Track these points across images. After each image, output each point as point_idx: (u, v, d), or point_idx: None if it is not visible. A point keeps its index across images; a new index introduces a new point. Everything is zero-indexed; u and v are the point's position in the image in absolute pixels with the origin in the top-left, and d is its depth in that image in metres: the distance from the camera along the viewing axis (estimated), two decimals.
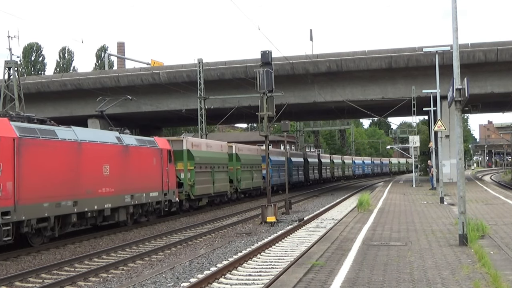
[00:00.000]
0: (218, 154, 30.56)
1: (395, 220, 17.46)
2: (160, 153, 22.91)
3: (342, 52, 42.12)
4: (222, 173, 30.60)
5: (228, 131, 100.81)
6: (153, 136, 24.43)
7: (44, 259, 14.59)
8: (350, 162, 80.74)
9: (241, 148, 35.23)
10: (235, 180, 33.32)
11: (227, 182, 31.56)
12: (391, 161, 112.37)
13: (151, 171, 21.92)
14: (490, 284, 8.17)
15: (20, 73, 53.22)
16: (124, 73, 46.40)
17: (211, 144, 30.29)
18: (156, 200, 22.36)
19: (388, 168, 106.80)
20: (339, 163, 74.24)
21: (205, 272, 12.10)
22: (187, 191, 26.34)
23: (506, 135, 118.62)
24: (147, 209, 21.92)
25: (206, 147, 28.90)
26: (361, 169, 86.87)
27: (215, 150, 30.43)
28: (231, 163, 32.52)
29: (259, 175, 37.96)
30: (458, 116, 12.14)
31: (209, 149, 29.39)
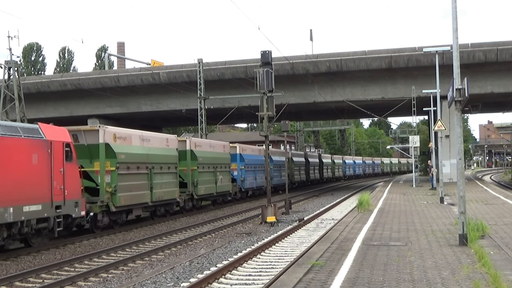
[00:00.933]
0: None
1: (395, 220, 17.46)
2: (48, 148, 15.78)
3: (342, 52, 42.13)
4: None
5: (228, 131, 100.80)
6: None
7: (44, 259, 14.58)
8: (341, 162, 74.69)
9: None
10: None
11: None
12: (383, 161, 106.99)
13: (27, 173, 14.89)
14: (490, 284, 8.17)
15: (20, 73, 53.22)
16: (124, 73, 46.41)
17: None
18: (39, 216, 15.24)
19: (380, 168, 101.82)
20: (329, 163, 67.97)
21: (205, 272, 12.10)
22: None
23: (506, 135, 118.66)
24: (20, 231, 14.76)
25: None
26: (352, 170, 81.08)
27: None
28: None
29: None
30: (458, 116, 12.14)
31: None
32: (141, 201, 21.33)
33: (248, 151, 36.71)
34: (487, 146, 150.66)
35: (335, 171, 69.57)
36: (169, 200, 23.82)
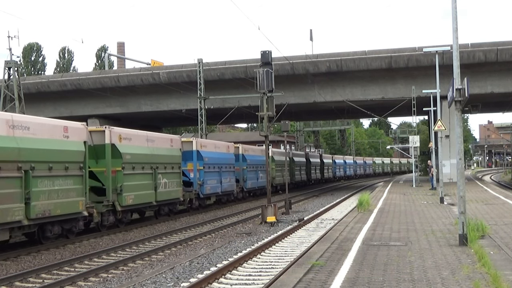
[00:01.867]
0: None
1: (395, 220, 17.46)
2: None
3: (342, 52, 42.13)
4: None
5: (228, 131, 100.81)
6: None
7: (44, 259, 14.58)
8: (330, 162, 67.45)
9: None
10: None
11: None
12: (374, 160, 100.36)
13: None
14: (490, 284, 8.17)
15: (20, 73, 53.29)
16: (124, 73, 46.42)
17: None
18: None
19: (372, 168, 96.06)
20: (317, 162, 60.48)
21: (205, 272, 12.10)
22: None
23: (506, 135, 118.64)
24: None
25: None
26: (342, 170, 74.50)
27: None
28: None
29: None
30: (458, 116, 12.14)
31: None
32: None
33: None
34: (487, 146, 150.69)
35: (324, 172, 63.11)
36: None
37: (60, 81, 46.84)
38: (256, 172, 37.15)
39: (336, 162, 70.44)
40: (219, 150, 30.56)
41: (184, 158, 25.46)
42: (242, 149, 35.24)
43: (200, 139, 29.80)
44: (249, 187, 35.64)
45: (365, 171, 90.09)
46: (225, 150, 31.58)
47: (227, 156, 31.61)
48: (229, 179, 31.24)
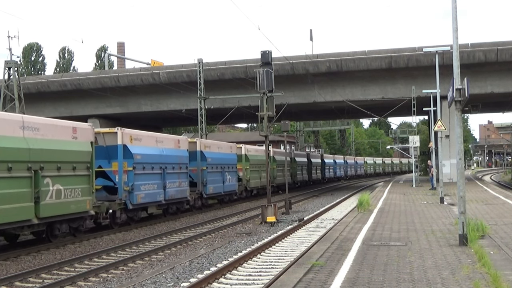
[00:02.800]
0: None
1: (395, 220, 17.46)
2: None
3: (342, 52, 42.13)
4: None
5: (228, 131, 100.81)
6: None
7: (44, 259, 14.58)
8: (319, 162, 61.78)
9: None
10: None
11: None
12: (366, 160, 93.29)
13: None
14: (490, 284, 8.17)
15: (20, 73, 53.28)
16: (124, 73, 46.42)
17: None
18: None
19: (364, 169, 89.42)
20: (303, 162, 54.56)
21: (205, 272, 12.10)
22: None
23: (506, 135, 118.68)
24: None
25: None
26: (332, 171, 67.90)
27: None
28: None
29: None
30: (458, 116, 12.14)
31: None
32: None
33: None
34: (487, 146, 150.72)
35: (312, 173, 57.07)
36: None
37: (60, 81, 46.84)
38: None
39: (326, 162, 64.71)
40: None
41: None
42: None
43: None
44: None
45: (356, 171, 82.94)
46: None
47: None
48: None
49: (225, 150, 31.41)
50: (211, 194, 28.94)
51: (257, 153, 38.07)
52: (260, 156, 37.94)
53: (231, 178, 31.58)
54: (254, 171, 36.49)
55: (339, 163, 72.22)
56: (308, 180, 54.28)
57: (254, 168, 36.46)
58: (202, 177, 27.82)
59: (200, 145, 28.18)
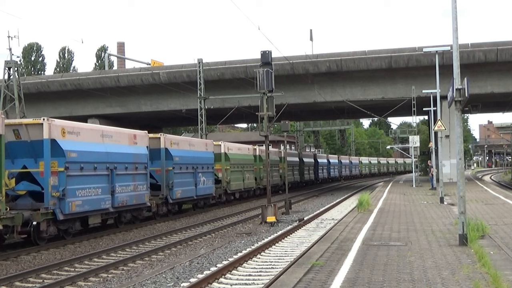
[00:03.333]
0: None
1: (395, 220, 17.46)
2: None
3: (342, 52, 42.13)
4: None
5: (228, 131, 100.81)
6: None
7: (44, 259, 14.58)
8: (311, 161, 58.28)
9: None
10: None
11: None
12: (361, 160, 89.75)
13: None
14: (490, 284, 8.17)
15: (20, 73, 53.28)
16: (124, 73, 46.43)
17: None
18: None
19: (359, 169, 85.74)
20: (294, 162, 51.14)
21: (205, 272, 12.10)
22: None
23: (506, 135, 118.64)
24: None
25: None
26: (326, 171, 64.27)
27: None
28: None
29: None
30: (458, 116, 12.14)
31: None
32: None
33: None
34: (487, 146, 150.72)
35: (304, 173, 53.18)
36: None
37: (60, 81, 46.84)
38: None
39: (318, 162, 60.63)
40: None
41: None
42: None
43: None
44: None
45: (350, 172, 79.59)
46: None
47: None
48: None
49: (198, 147, 27.85)
50: (179, 198, 25.03)
51: (239, 152, 34.46)
52: (244, 155, 35.16)
53: (207, 180, 27.84)
54: (236, 171, 32.86)
55: (333, 163, 68.69)
56: (300, 181, 52.44)
57: (236, 168, 32.88)
58: (167, 179, 23.87)
59: (164, 142, 24.21)
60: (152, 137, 23.08)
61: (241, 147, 35.62)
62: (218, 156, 30.65)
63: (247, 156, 36.03)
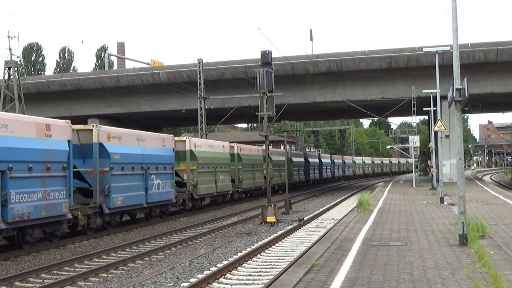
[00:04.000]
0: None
1: (395, 220, 17.46)
2: None
3: (342, 52, 42.14)
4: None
5: (228, 131, 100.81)
6: None
7: (44, 259, 14.58)
8: (301, 161, 53.10)
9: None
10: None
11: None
12: (354, 160, 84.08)
13: None
14: (490, 284, 8.17)
15: (20, 73, 53.28)
16: (124, 73, 46.43)
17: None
18: None
19: (352, 169, 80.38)
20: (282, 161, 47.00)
21: (205, 272, 12.10)
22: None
23: (506, 135, 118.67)
24: None
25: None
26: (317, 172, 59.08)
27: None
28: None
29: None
30: (458, 116, 12.14)
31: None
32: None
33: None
34: (487, 146, 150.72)
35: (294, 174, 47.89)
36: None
37: (60, 81, 46.85)
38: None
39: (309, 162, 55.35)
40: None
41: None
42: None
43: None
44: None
45: (344, 172, 74.61)
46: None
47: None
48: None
49: (151, 143, 22.40)
50: (119, 207, 19.56)
51: (210, 149, 29.60)
52: (217, 153, 30.33)
53: (163, 183, 22.66)
54: (205, 173, 27.98)
55: (325, 163, 63.01)
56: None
57: (205, 169, 28.02)
58: (103, 183, 18.81)
59: (98, 135, 18.91)
60: (82, 129, 19.04)
61: (213, 144, 30.78)
62: (182, 154, 26.51)
63: (221, 155, 31.09)
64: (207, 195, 28.65)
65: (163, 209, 23.54)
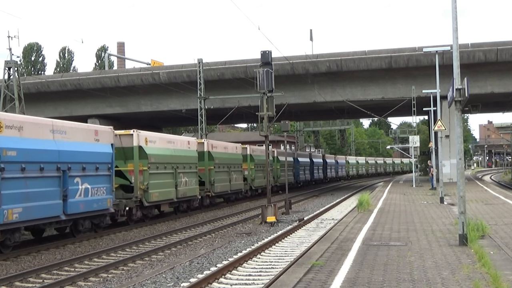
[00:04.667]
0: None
1: (395, 220, 17.46)
2: None
3: (342, 52, 42.13)
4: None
5: (228, 131, 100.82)
6: None
7: (44, 259, 14.58)
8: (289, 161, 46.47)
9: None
10: None
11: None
12: (348, 160, 77.68)
13: None
14: (490, 284, 8.17)
15: (20, 73, 53.27)
16: (124, 73, 46.42)
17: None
18: None
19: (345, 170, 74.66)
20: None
21: (205, 272, 12.10)
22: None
23: (506, 135, 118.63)
24: None
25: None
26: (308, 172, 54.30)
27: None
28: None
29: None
30: (458, 116, 12.14)
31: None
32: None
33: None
34: (487, 146, 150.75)
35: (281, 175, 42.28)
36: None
37: (60, 81, 46.84)
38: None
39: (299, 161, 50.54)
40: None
41: None
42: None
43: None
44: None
45: (337, 173, 69.22)
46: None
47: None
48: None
49: (76, 136, 17.25)
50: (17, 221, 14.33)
51: (169, 146, 24.27)
52: (178, 150, 24.90)
53: (94, 189, 17.73)
54: (158, 174, 22.47)
55: (317, 163, 58.75)
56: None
57: (158, 169, 22.55)
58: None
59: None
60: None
61: (174, 140, 25.45)
62: (126, 151, 21.35)
63: (185, 152, 25.61)
64: (162, 202, 23.26)
65: (96, 221, 18.56)
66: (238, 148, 34.11)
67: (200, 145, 28.83)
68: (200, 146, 28.42)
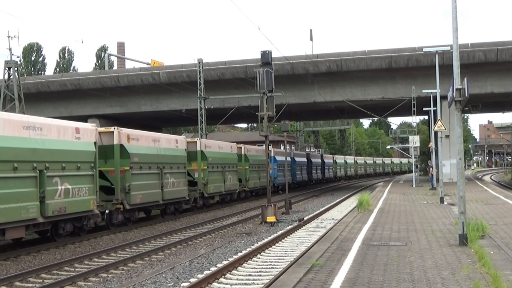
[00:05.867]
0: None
1: (395, 220, 17.46)
2: None
3: (342, 52, 42.14)
4: None
5: (228, 131, 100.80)
6: None
7: (44, 259, 14.58)
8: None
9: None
10: None
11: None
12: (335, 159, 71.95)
13: None
14: (490, 284, 8.17)
15: (20, 73, 53.25)
16: (124, 73, 46.43)
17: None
18: None
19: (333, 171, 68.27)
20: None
21: (205, 272, 12.10)
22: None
23: (506, 135, 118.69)
24: None
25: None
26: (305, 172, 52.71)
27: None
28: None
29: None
30: (458, 116, 12.14)
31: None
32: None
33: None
34: (487, 146, 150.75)
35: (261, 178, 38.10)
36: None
37: (60, 81, 46.85)
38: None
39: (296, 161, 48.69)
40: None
41: None
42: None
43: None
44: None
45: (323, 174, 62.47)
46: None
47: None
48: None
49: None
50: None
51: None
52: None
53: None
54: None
55: (315, 163, 57.10)
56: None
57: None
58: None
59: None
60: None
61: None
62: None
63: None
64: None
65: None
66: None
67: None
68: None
